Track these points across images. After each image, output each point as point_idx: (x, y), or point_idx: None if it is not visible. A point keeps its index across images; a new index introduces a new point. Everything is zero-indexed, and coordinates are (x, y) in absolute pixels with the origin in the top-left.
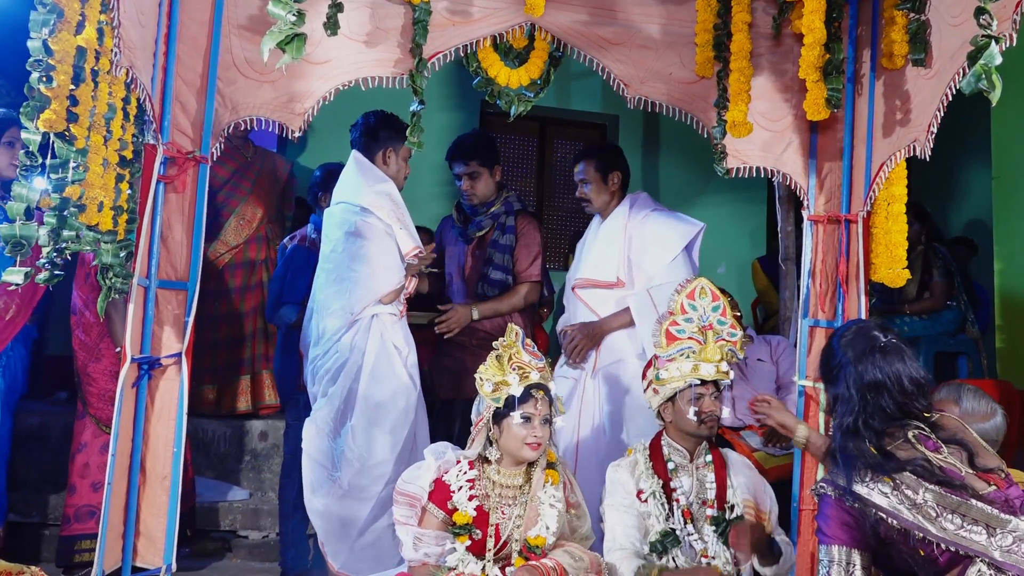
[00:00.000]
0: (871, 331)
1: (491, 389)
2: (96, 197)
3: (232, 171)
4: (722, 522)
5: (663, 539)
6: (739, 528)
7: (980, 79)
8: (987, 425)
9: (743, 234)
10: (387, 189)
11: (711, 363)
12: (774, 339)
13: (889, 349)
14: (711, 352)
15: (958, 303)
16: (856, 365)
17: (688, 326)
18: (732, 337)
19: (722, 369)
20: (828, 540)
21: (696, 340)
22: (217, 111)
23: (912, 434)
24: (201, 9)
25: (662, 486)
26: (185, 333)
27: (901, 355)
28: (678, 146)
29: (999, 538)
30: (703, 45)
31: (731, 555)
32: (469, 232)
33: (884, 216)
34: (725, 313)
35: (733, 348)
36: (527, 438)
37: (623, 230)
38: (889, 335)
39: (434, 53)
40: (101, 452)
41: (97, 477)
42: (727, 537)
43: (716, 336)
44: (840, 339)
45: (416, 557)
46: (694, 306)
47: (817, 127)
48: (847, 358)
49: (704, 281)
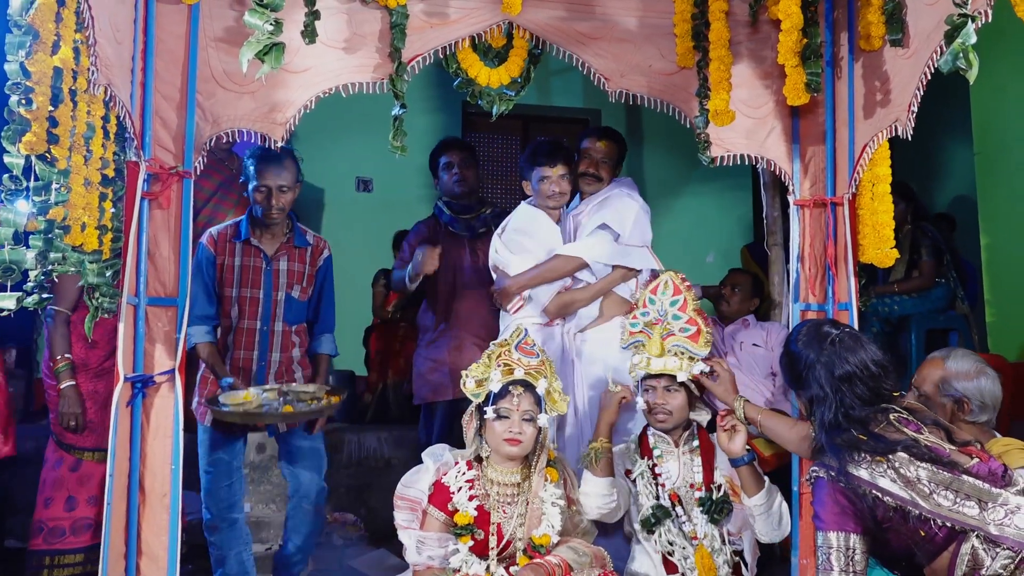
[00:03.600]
0: (823, 327)
1: (473, 386)
2: (79, 218)
3: (218, 184)
4: (708, 502)
5: (655, 512)
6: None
7: (957, 58)
8: (969, 385)
9: (730, 222)
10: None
11: (657, 357)
12: (769, 325)
13: (847, 340)
14: (652, 347)
15: (947, 280)
16: (823, 363)
17: (643, 320)
18: (686, 332)
19: (669, 364)
20: (825, 526)
21: (645, 334)
22: (198, 125)
23: (894, 417)
24: (177, 23)
25: (650, 468)
26: (177, 349)
27: (859, 342)
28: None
29: (991, 512)
30: (682, 36)
31: (720, 534)
32: (475, 227)
33: (870, 197)
34: (684, 307)
35: (685, 345)
36: (504, 434)
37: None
38: (841, 327)
39: (413, 56)
40: (55, 467)
41: (49, 493)
42: (715, 518)
43: (665, 332)
44: (796, 343)
45: (420, 561)
46: (653, 300)
47: (799, 112)
48: (812, 358)
49: (669, 275)
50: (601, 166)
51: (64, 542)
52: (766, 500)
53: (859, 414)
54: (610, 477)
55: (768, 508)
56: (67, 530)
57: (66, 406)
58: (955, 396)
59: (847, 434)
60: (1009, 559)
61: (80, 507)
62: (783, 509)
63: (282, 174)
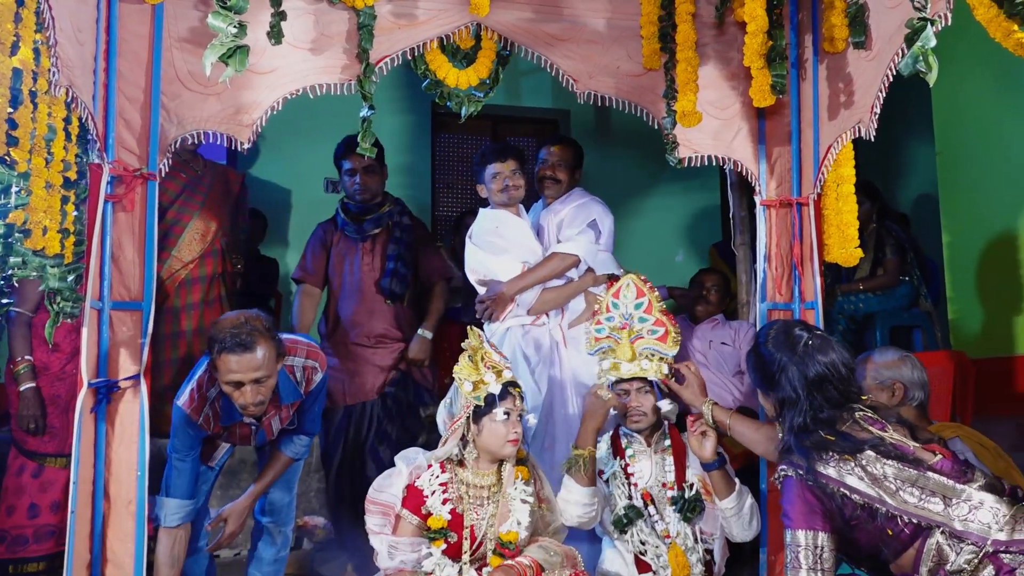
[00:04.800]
0: (794, 330)
1: (471, 388)
2: (40, 221)
3: (183, 185)
4: (680, 501)
5: (628, 512)
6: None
7: (917, 61)
8: (897, 371)
9: (698, 221)
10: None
11: (628, 362)
12: (738, 324)
13: (818, 342)
14: (623, 351)
15: (911, 278)
16: (795, 364)
17: (608, 325)
18: (655, 334)
19: (642, 366)
20: (794, 524)
21: (614, 339)
22: (163, 126)
23: (859, 415)
24: (140, 23)
25: (623, 468)
26: (142, 354)
27: (830, 344)
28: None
29: (955, 508)
30: (649, 37)
31: (693, 532)
32: (366, 228)
33: (834, 197)
34: (650, 309)
35: (655, 346)
36: (508, 435)
37: (556, 215)
38: (810, 329)
39: (381, 57)
40: (17, 475)
41: (11, 501)
42: (688, 516)
43: (634, 335)
44: (766, 345)
45: (392, 565)
46: (616, 304)
47: (765, 113)
48: (784, 361)
49: (631, 278)
50: (557, 169)
51: (27, 550)
52: (737, 503)
53: (826, 416)
54: (593, 487)
55: (739, 510)
56: (30, 538)
57: (25, 408)
58: (887, 382)
59: (815, 435)
60: (973, 554)
61: (43, 514)
62: (754, 510)
63: (254, 362)
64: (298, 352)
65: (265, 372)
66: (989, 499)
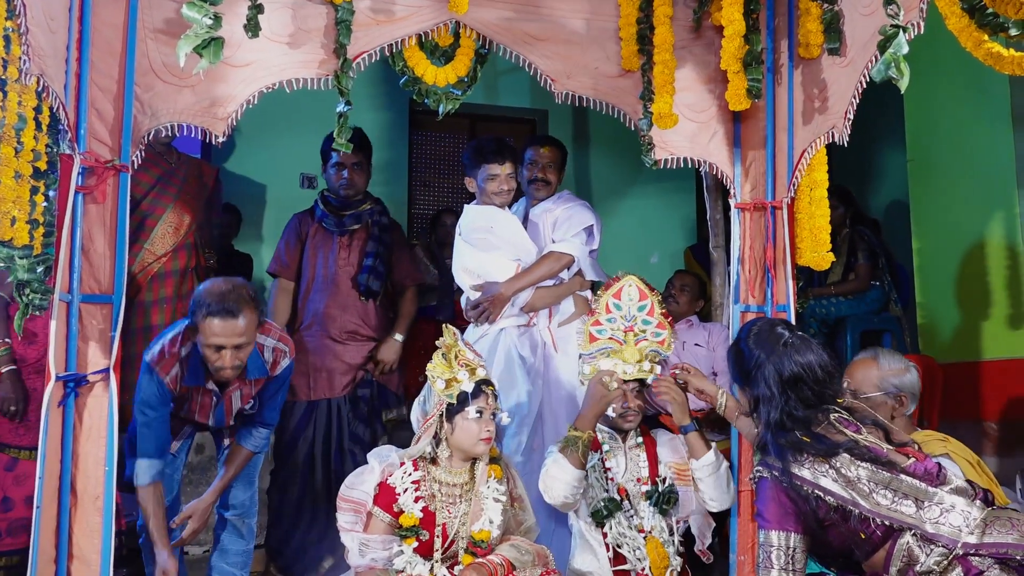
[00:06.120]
0: (777, 328)
1: (443, 386)
2: (8, 211)
3: (156, 178)
4: (655, 494)
5: (606, 504)
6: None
7: (890, 67)
8: (903, 379)
9: (674, 223)
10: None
11: (630, 363)
12: (712, 326)
13: (797, 342)
14: (629, 354)
15: (882, 283)
16: (772, 362)
17: (610, 326)
18: (657, 337)
19: (643, 368)
20: (768, 525)
21: (616, 340)
22: (136, 118)
23: (834, 417)
24: (115, 12)
25: (601, 462)
26: (112, 348)
27: (809, 345)
28: (608, 139)
29: (927, 511)
30: (627, 39)
31: (668, 525)
32: (346, 223)
33: (807, 202)
34: (652, 312)
35: (657, 348)
36: (481, 433)
37: (550, 213)
38: (792, 329)
39: (359, 53)
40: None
41: None
42: (664, 509)
43: (638, 337)
44: (747, 341)
45: (363, 563)
46: (618, 305)
47: (740, 117)
48: (762, 358)
49: (632, 279)
50: (548, 170)
51: (1, 544)
52: (715, 460)
53: (801, 415)
54: (583, 471)
55: (717, 468)
56: (3, 532)
57: (3, 391)
58: (894, 393)
59: (791, 435)
60: (942, 556)
61: (17, 508)
62: (728, 473)
63: (237, 328)
64: (271, 333)
65: (246, 339)
66: (960, 502)
